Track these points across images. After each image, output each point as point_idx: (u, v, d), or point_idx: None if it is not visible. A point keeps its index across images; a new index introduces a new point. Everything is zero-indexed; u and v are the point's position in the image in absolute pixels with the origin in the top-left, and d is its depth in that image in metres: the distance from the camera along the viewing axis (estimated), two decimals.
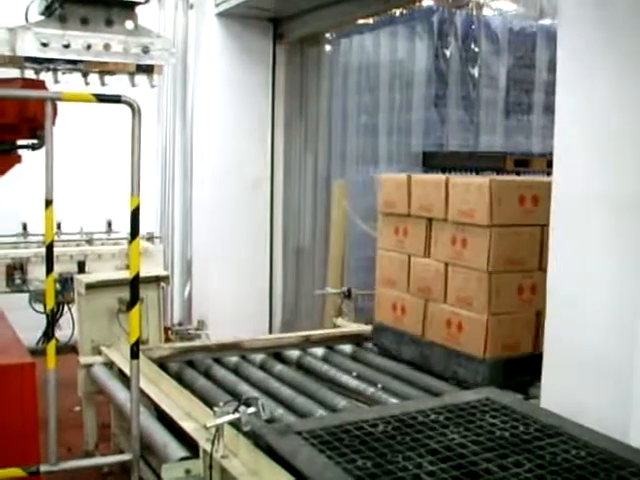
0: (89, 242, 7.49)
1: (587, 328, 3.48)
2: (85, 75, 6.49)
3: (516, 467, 2.83)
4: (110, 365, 5.09)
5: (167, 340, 6.58)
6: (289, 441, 3.06)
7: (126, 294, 5.16)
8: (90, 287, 5.31)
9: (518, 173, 7.70)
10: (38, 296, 6.99)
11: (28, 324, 6.14)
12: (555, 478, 2.74)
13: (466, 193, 4.44)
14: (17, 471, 3.16)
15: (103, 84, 6.60)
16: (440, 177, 4.87)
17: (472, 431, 3.18)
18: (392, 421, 3.27)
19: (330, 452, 2.93)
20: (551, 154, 3.77)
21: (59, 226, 7.32)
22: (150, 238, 7.84)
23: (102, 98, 3.11)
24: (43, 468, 3.23)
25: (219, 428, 3.25)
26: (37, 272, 6.94)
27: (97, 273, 6.33)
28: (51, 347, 3.22)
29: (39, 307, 7.22)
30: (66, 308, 6.99)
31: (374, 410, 3.79)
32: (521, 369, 4.36)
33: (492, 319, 4.29)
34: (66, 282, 6.60)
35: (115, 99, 3.08)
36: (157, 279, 5.47)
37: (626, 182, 3.29)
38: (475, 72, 7.65)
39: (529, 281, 4.41)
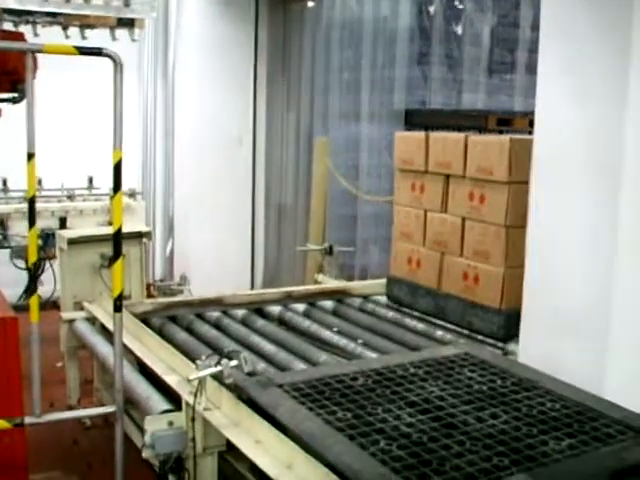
0: (70, 198, 7.46)
1: (564, 285, 3.54)
2: (65, 28, 6.43)
3: (493, 419, 2.91)
4: (92, 320, 5.11)
5: (149, 296, 6.60)
6: (270, 394, 3.12)
7: (108, 250, 5.17)
8: (72, 242, 5.31)
9: (501, 132, 7.71)
10: (19, 252, 6.98)
11: (9, 280, 6.15)
12: (530, 429, 2.82)
13: (486, 151, 4.61)
14: (2, 423, 3.20)
15: (83, 38, 6.55)
16: (459, 135, 5.02)
17: (450, 384, 3.25)
18: (372, 374, 3.34)
19: (311, 404, 2.99)
20: (533, 113, 3.80)
21: (40, 182, 7.27)
22: (132, 194, 7.83)
23: (84, 51, 3.09)
24: (28, 420, 3.27)
25: (202, 381, 3.30)
26: (18, 228, 6.93)
27: (79, 229, 6.31)
28: (34, 301, 3.24)
29: (20, 263, 7.22)
30: (48, 264, 6.98)
31: (354, 364, 3.86)
32: None
33: (508, 272, 4.43)
34: (48, 238, 6.59)
35: (97, 52, 3.06)
36: (140, 235, 5.47)
37: (605, 140, 3.33)
38: (459, 30, 7.61)
39: None
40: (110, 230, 5.55)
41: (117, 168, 3.12)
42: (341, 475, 2.47)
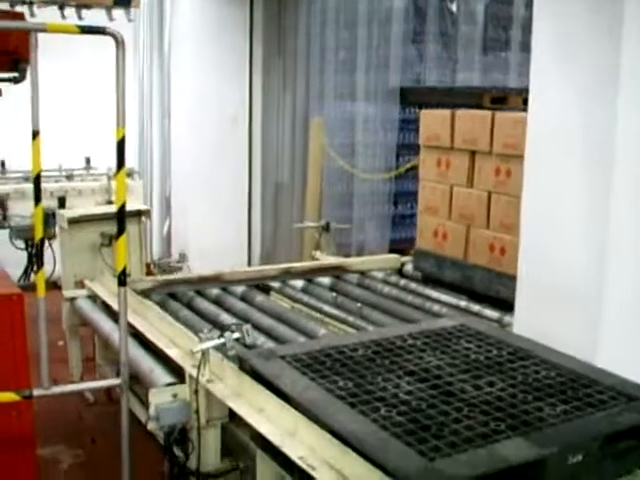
0: (69, 178, 7.50)
1: (557, 256, 3.62)
2: (61, 8, 6.46)
3: (489, 387, 2.98)
4: (94, 298, 5.17)
5: (149, 274, 6.66)
6: (273, 364, 3.18)
7: (108, 229, 5.29)
8: (73, 222, 5.38)
9: (495, 109, 7.76)
10: (19, 232, 7.02)
11: (8, 261, 6.19)
12: (526, 396, 2.89)
13: (513, 128, 4.75)
14: (11, 396, 3.27)
15: (80, 18, 6.58)
16: (485, 113, 5.18)
17: (448, 354, 3.33)
18: (372, 345, 3.41)
19: (312, 374, 3.06)
20: (527, 91, 3.86)
21: None
22: (130, 174, 7.85)
23: (86, 29, 3.13)
24: (36, 392, 3.34)
25: (204, 353, 3.37)
26: (17, 208, 6.97)
27: (78, 209, 6.36)
28: (40, 276, 3.30)
29: (20, 244, 7.27)
30: (47, 244, 7.02)
31: (354, 336, 3.97)
32: None
33: None
34: (47, 218, 6.62)
35: (99, 30, 3.11)
36: (139, 213, 5.53)
37: (599, 117, 3.39)
38: (453, 8, 7.65)
39: None
40: (110, 209, 5.68)
41: (120, 145, 3.17)
42: (345, 441, 2.55)
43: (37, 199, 3.23)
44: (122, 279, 3.32)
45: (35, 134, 3.14)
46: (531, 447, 2.48)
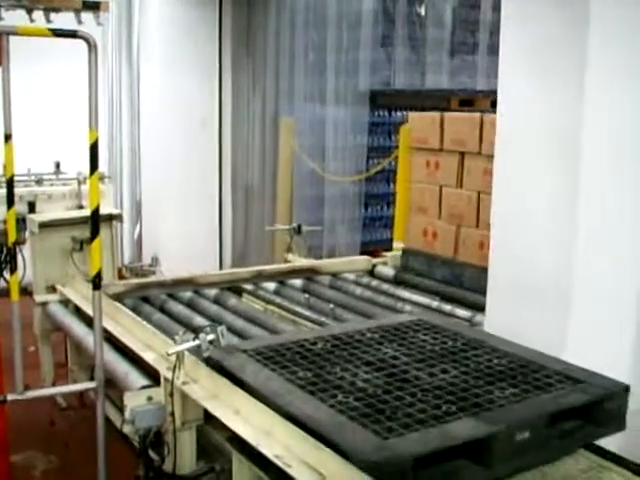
0: (38, 183, 7.44)
1: (526, 254, 3.68)
2: (30, 12, 6.42)
3: (443, 373, 3.09)
4: (66, 303, 5.15)
5: (121, 278, 6.64)
6: (236, 358, 3.25)
7: (79, 233, 5.26)
8: (43, 226, 5.34)
9: (463, 112, 7.84)
10: None
11: None
12: (477, 381, 2.99)
13: None
14: None
15: (48, 21, 6.55)
16: (474, 115, 5.29)
17: (405, 346, 3.43)
18: (331, 339, 3.49)
19: (273, 366, 3.14)
20: (494, 94, 3.93)
21: (5, 168, 7.22)
22: (101, 178, 7.81)
23: (58, 33, 3.13)
24: (10, 397, 3.33)
25: (179, 355, 3.38)
26: None
27: (48, 213, 6.31)
28: (14, 280, 3.29)
29: None
30: (17, 249, 6.93)
31: (314, 331, 4.12)
32: None
33: None
34: (17, 223, 6.54)
35: (71, 34, 3.11)
36: (110, 217, 5.51)
37: (567, 116, 3.45)
38: (422, 11, 7.72)
39: None
40: (81, 214, 5.65)
41: (93, 148, 3.18)
42: (304, 426, 2.64)
43: (10, 202, 3.23)
44: (97, 282, 3.32)
45: (7, 137, 3.13)
46: (480, 425, 2.59)
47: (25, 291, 5.94)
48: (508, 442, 2.58)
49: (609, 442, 2.87)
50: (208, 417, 3.39)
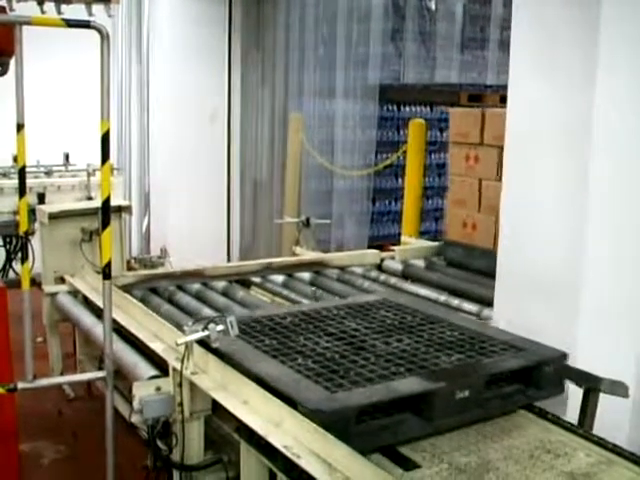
0: (48, 174, 7.46)
1: (536, 249, 3.68)
2: (41, 3, 6.43)
3: (398, 342, 3.38)
4: (75, 293, 5.16)
5: (130, 269, 6.64)
6: None
7: (89, 224, 5.27)
8: (53, 217, 5.34)
9: (472, 107, 7.84)
10: None
11: None
12: (428, 349, 3.29)
13: None
14: None
15: (59, 13, 6.55)
16: None
17: (366, 320, 3.73)
18: (299, 315, 3.82)
19: (244, 336, 3.41)
20: (504, 89, 3.93)
21: (16, 159, 7.25)
22: (110, 170, 7.84)
23: (71, 23, 3.14)
24: (21, 385, 3.34)
25: (188, 346, 3.39)
26: None
27: (57, 204, 6.33)
28: (25, 268, 3.31)
29: None
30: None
31: (285, 308, 4.45)
32: None
33: None
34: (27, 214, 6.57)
35: (84, 24, 3.12)
36: (119, 209, 5.51)
37: (576, 113, 3.45)
38: (432, 6, 7.71)
39: None
40: (91, 205, 5.66)
41: (105, 139, 3.19)
42: (265, 384, 2.93)
43: (22, 192, 3.25)
44: (107, 272, 3.33)
45: (20, 127, 3.15)
46: (422, 383, 2.88)
47: (34, 282, 5.97)
48: (449, 399, 2.86)
49: (617, 437, 2.88)
50: (216, 407, 3.40)
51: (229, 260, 8.38)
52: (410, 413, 2.83)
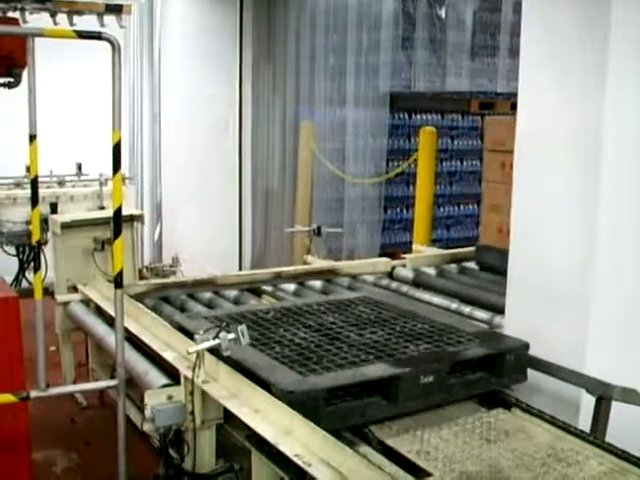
0: (60, 184, 7.51)
1: (547, 258, 3.67)
2: (53, 15, 6.49)
3: (371, 334, 3.65)
4: (87, 302, 5.18)
5: (141, 279, 6.66)
6: (195, 322, 3.88)
7: (101, 234, 5.30)
8: (66, 227, 5.37)
9: (483, 115, 7.85)
10: (10, 238, 7.03)
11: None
12: (398, 340, 3.54)
13: None
14: (8, 397, 3.28)
15: (72, 24, 6.61)
16: None
17: (344, 315, 4.00)
18: (282, 310, 4.10)
19: (226, 327, 3.47)
20: (514, 96, 3.92)
21: (29, 169, 7.31)
22: (122, 179, 7.88)
23: (83, 35, 3.16)
24: (33, 394, 3.36)
25: (200, 354, 3.39)
26: (8, 214, 6.98)
27: (70, 214, 6.36)
28: (38, 277, 3.33)
29: (10, 250, 7.27)
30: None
31: (270, 304, 4.67)
32: None
33: None
34: (40, 223, 6.61)
35: (96, 36, 3.14)
36: (131, 218, 5.54)
37: (587, 119, 3.44)
38: (442, 14, 7.72)
39: None
40: (102, 214, 5.69)
41: (116, 149, 3.21)
42: (243, 369, 3.18)
43: (34, 202, 3.27)
44: (119, 281, 3.34)
45: (32, 138, 3.17)
46: (388, 368, 3.12)
47: (46, 291, 5.99)
48: (414, 383, 3.10)
49: (631, 446, 2.87)
50: (228, 416, 3.41)
51: (241, 269, 8.39)
52: (379, 396, 3.08)
